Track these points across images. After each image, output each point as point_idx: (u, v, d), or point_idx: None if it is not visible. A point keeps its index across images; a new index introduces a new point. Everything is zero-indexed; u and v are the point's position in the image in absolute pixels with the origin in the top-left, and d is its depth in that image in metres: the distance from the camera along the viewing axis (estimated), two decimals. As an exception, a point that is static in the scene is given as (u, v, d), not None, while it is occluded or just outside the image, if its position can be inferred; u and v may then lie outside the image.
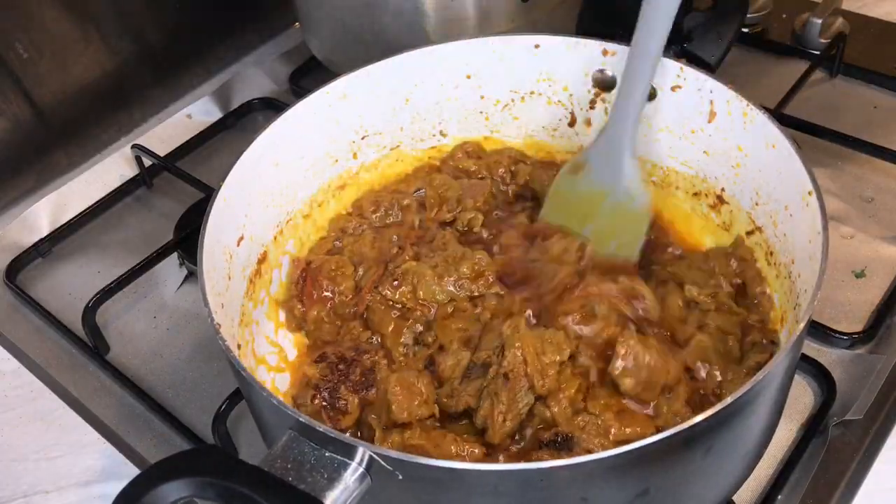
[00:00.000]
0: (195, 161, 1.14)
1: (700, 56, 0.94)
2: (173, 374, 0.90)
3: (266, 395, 0.59)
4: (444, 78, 0.90)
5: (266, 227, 0.83)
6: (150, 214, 1.09)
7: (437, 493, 0.58)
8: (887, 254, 0.93)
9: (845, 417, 0.78)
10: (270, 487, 0.54)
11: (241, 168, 0.78)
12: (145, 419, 0.86)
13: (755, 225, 0.81)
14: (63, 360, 0.93)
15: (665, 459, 0.58)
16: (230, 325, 0.73)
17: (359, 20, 1.05)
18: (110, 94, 1.17)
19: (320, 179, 0.89)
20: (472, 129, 0.94)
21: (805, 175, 0.70)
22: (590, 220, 0.79)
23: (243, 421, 0.83)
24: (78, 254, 1.05)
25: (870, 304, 0.89)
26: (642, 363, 0.68)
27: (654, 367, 0.69)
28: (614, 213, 0.80)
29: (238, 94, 1.23)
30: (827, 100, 1.12)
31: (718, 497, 0.68)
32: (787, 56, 1.18)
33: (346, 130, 0.89)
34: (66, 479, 0.80)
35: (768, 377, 0.58)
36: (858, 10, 1.24)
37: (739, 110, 0.79)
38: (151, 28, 1.20)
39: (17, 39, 1.05)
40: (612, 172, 0.79)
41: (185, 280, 0.98)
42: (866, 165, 1.02)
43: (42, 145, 1.12)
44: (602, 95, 0.89)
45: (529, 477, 0.55)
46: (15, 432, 0.84)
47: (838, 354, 0.84)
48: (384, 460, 0.55)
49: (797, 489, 0.74)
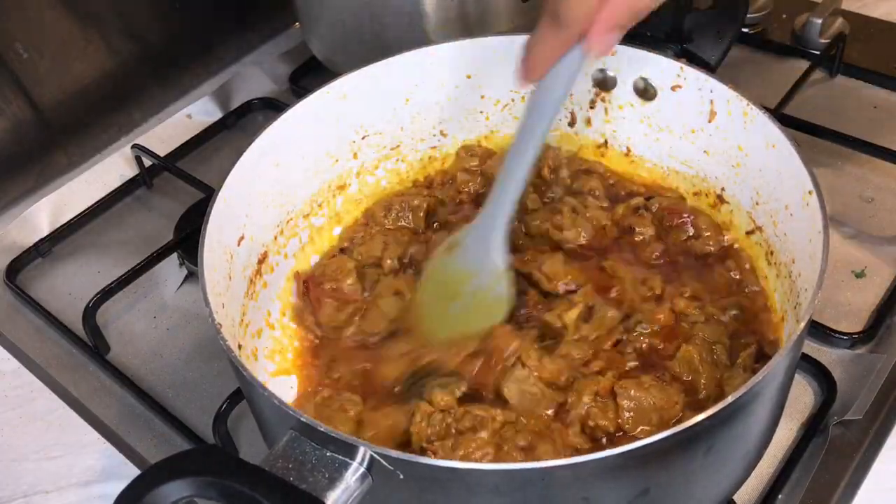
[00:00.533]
0: (195, 161, 1.14)
1: (700, 56, 0.94)
2: (173, 374, 0.90)
3: (267, 394, 0.59)
4: (444, 78, 0.90)
5: (266, 227, 0.83)
6: (150, 214, 1.09)
7: (438, 492, 0.58)
8: (887, 254, 0.93)
9: (845, 417, 0.78)
10: (271, 487, 0.54)
11: (241, 168, 0.78)
12: (145, 419, 0.86)
13: (755, 224, 0.81)
14: (63, 360, 0.93)
15: (665, 459, 0.58)
16: (231, 325, 0.73)
17: (359, 20, 1.05)
18: (110, 94, 1.17)
19: (320, 179, 0.89)
20: (472, 129, 0.94)
21: (805, 175, 0.70)
22: (457, 298, 0.79)
23: (244, 421, 0.83)
24: (78, 254, 1.05)
25: (870, 304, 0.89)
26: (648, 406, 0.69)
27: (660, 405, 0.69)
28: (475, 295, 0.78)
29: (238, 94, 1.23)
30: (827, 100, 1.12)
31: (719, 497, 0.68)
32: (787, 56, 1.18)
33: (346, 130, 0.89)
34: (66, 479, 0.80)
35: (768, 377, 0.58)
36: (858, 10, 1.24)
37: (739, 110, 0.79)
38: (151, 28, 1.20)
39: (17, 39, 1.05)
40: (482, 255, 0.77)
41: (185, 280, 0.98)
42: (866, 165, 1.02)
43: (42, 145, 1.12)
44: (602, 95, 0.89)
45: (530, 477, 0.55)
46: (15, 432, 0.84)
47: (838, 354, 0.84)
48: (385, 460, 0.55)
49: (797, 489, 0.74)
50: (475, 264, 0.77)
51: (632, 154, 0.91)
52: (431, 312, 0.79)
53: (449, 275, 0.79)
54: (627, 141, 0.90)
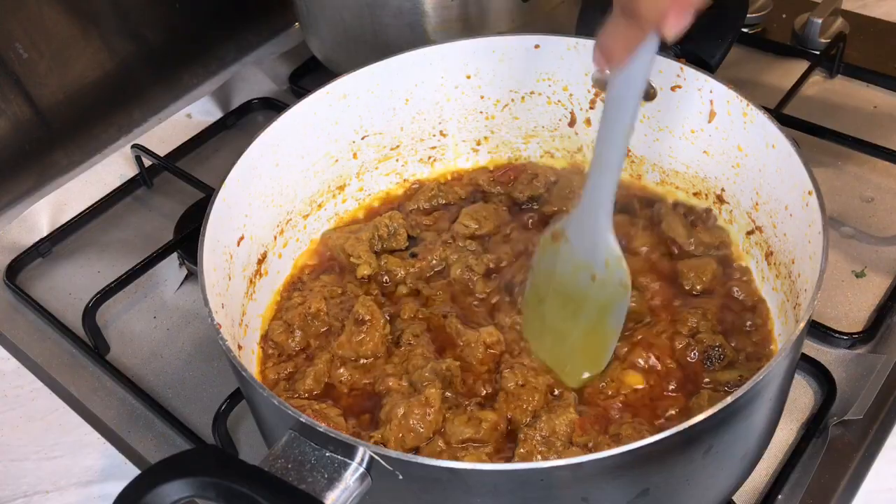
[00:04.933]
0: (195, 161, 1.14)
1: (700, 56, 0.94)
2: (173, 374, 0.90)
3: (266, 395, 0.59)
4: (444, 78, 0.90)
5: (266, 227, 0.83)
6: (150, 214, 1.09)
7: (437, 493, 0.58)
8: (887, 254, 0.93)
9: (845, 417, 0.78)
10: (271, 487, 0.54)
11: (241, 168, 0.78)
12: (145, 419, 0.86)
13: (755, 225, 0.81)
14: (63, 360, 0.93)
15: (665, 459, 0.58)
16: (230, 326, 0.73)
17: (359, 20, 1.05)
18: (110, 94, 1.17)
19: (320, 179, 0.89)
20: (472, 129, 0.94)
21: (805, 175, 0.70)
22: (573, 291, 0.77)
23: (243, 421, 0.83)
24: (78, 254, 1.05)
25: (870, 304, 0.89)
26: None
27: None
28: (594, 285, 0.76)
29: (238, 94, 1.23)
30: (827, 100, 1.12)
31: (718, 497, 0.68)
32: (787, 56, 1.18)
33: (346, 130, 0.89)
34: (66, 479, 0.80)
35: (768, 377, 0.58)
36: (858, 10, 1.24)
37: (739, 110, 0.79)
38: (151, 28, 1.20)
39: (17, 39, 1.05)
40: (589, 245, 0.75)
41: (185, 280, 0.98)
42: (866, 165, 1.02)
43: (42, 145, 1.12)
44: (602, 95, 0.89)
45: (529, 477, 0.55)
46: (15, 432, 0.84)
47: (838, 354, 0.84)
48: (384, 460, 0.55)
49: (797, 489, 0.74)
50: (585, 255, 0.75)
51: (631, 154, 0.91)
52: (546, 303, 0.78)
53: (559, 266, 0.77)
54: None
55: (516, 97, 0.92)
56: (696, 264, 0.81)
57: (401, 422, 0.69)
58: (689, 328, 0.76)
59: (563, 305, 0.77)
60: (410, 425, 0.69)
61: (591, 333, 0.76)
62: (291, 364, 0.78)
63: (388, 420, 0.70)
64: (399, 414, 0.69)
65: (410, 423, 0.69)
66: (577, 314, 0.77)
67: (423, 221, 0.89)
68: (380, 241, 0.86)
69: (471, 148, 0.96)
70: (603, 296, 0.75)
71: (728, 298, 0.80)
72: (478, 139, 0.95)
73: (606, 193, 0.73)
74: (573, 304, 0.77)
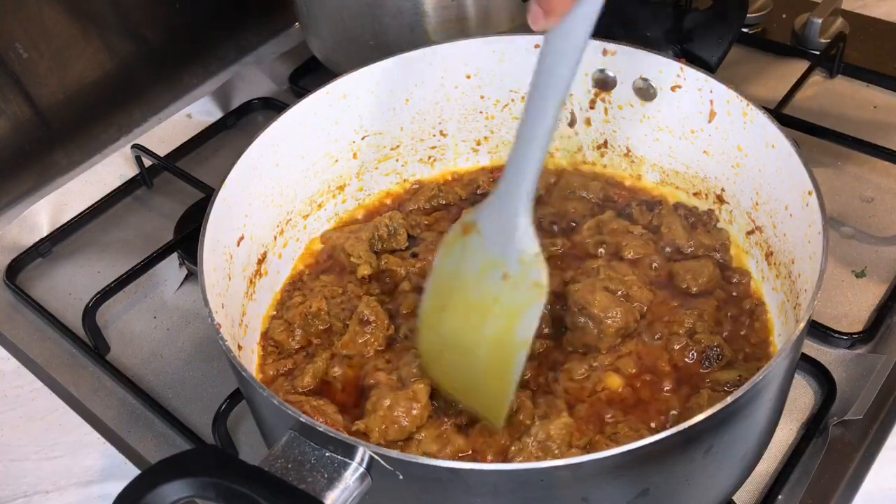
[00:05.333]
0: (195, 161, 1.14)
1: (700, 56, 0.94)
2: (173, 374, 0.90)
3: (266, 395, 0.60)
4: (444, 78, 0.90)
5: (266, 227, 0.83)
6: (150, 214, 1.09)
7: (438, 493, 0.58)
8: (887, 254, 0.93)
9: (845, 417, 0.78)
10: (271, 487, 0.54)
11: (241, 168, 0.78)
12: (145, 419, 0.86)
13: (755, 225, 0.81)
14: (63, 360, 0.93)
15: (665, 459, 0.58)
16: (230, 326, 0.73)
17: (359, 20, 1.05)
18: (110, 94, 1.17)
19: (320, 179, 0.89)
20: (472, 129, 0.94)
21: (805, 175, 0.70)
22: (482, 288, 0.68)
23: (243, 421, 0.83)
24: (78, 254, 1.05)
25: (870, 304, 0.89)
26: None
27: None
28: (506, 284, 0.67)
29: (238, 94, 1.23)
30: (827, 100, 1.12)
31: (719, 497, 0.68)
32: (787, 56, 1.18)
33: (346, 130, 0.89)
34: (66, 479, 0.80)
35: (768, 377, 0.58)
36: (858, 10, 1.24)
37: (739, 110, 0.79)
38: (151, 28, 1.20)
39: (17, 39, 1.05)
40: (504, 240, 0.66)
41: (185, 280, 0.98)
42: (866, 165, 1.02)
43: (42, 145, 1.12)
44: (602, 95, 0.89)
45: (529, 477, 0.55)
46: (15, 432, 0.84)
47: (838, 354, 0.84)
48: (384, 460, 0.55)
49: (797, 489, 0.74)
50: (497, 247, 0.67)
51: (632, 154, 0.91)
52: (447, 312, 0.70)
53: (467, 264, 0.69)
54: (627, 141, 0.90)
55: (516, 97, 0.92)
56: (693, 266, 0.81)
57: (386, 413, 0.69)
58: (686, 329, 0.76)
59: (466, 313, 0.69)
60: (394, 417, 0.68)
61: (496, 348, 0.68)
62: (291, 361, 0.78)
63: (374, 410, 0.69)
64: (385, 405, 0.69)
65: (395, 414, 0.68)
66: (483, 323, 0.67)
67: (423, 221, 0.89)
68: (380, 241, 0.86)
69: (471, 148, 0.96)
70: (514, 299, 0.66)
71: (727, 299, 0.80)
72: (478, 139, 0.95)
73: (528, 171, 0.64)
74: (479, 310, 0.68)
